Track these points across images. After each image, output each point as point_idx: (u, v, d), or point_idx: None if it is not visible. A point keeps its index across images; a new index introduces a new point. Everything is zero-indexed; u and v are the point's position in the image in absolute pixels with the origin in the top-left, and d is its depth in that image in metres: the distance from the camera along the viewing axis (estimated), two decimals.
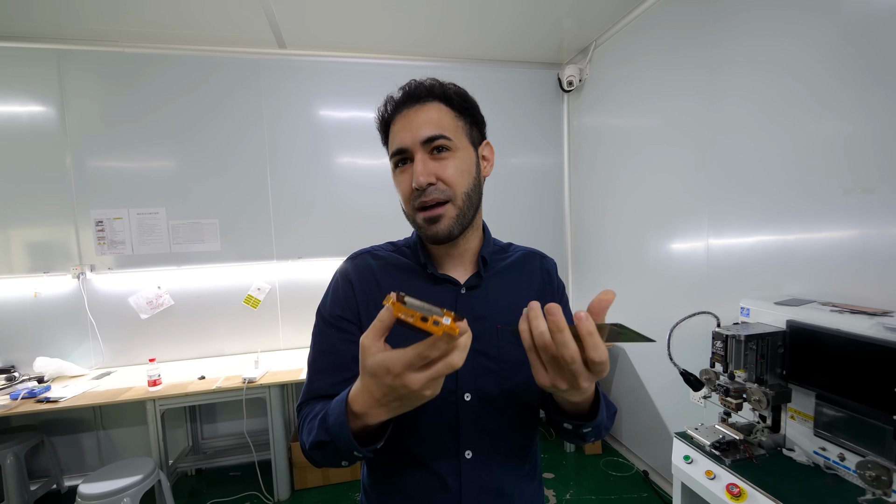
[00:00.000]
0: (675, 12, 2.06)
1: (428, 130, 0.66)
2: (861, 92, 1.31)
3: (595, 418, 0.61)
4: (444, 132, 0.67)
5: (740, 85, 1.73)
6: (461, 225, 0.69)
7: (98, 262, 2.53)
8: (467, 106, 0.72)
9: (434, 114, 0.68)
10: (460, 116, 0.71)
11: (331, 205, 2.80)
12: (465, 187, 0.69)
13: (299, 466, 2.45)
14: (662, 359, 2.04)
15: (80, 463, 2.60)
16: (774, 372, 1.31)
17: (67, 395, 2.08)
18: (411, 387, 0.46)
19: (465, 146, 0.70)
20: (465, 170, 0.69)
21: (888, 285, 1.26)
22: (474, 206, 0.71)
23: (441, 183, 0.66)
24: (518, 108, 3.05)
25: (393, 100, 0.71)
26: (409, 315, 0.43)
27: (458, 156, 0.68)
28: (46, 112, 2.44)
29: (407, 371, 0.46)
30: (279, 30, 2.41)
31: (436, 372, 0.46)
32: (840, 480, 1.16)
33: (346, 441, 0.54)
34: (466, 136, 0.71)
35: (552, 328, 0.48)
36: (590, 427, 0.62)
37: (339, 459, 0.59)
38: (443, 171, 0.66)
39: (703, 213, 1.94)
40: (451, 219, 0.68)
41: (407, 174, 0.68)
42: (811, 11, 1.44)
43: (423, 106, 0.68)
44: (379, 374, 0.48)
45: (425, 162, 0.66)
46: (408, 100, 0.69)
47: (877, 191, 1.28)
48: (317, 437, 0.59)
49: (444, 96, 0.69)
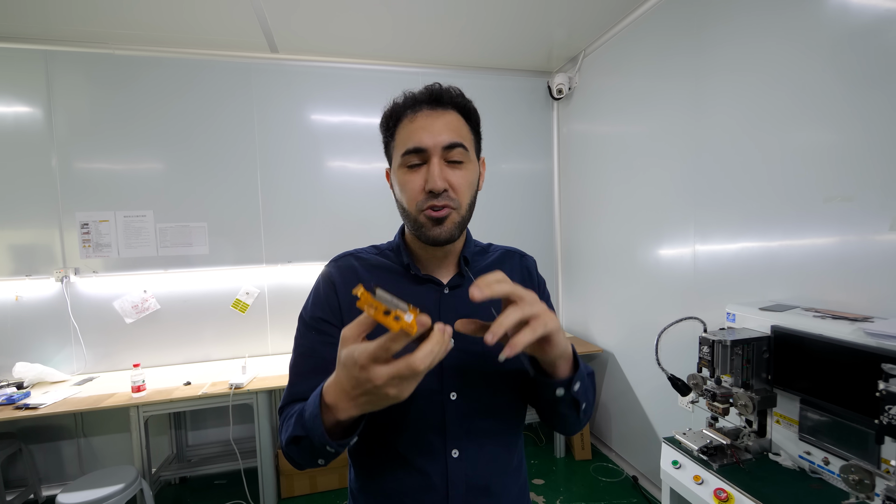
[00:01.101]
0: (661, 22, 2.10)
1: (450, 137, 0.67)
2: (840, 102, 1.35)
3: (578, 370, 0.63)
4: (463, 142, 0.69)
5: (724, 94, 1.76)
6: (460, 231, 0.71)
7: (83, 265, 2.48)
8: (476, 123, 0.75)
9: (455, 122, 0.69)
10: (472, 131, 0.73)
11: (321, 209, 2.79)
12: (469, 198, 0.71)
13: (286, 474, 2.41)
14: (651, 364, 2.05)
15: (60, 472, 2.53)
16: (760, 377, 1.32)
17: (47, 402, 2.03)
18: (375, 381, 0.46)
19: (473, 160, 0.72)
20: (471, 182, 0.71)
21: (868, 291, 1.29)
22: (469, 217, 0.73)
23: (452, 191, 0.68)
24: (509, 115, 3.08)
25: (414, 96, 0.70)
26: (371, 307, 0.43)
27: (469, 168, 0.70)
28: (33, 113, 2.40)
29: (371, 363, 0.46)
30: (271, 34, 2.41)
31: (396, 371, 0.46)
32: (825, 484, 1.17)
33: (319, 434, 0.54)
34: (475, 150, 0.74)
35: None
36: (578, 381, 0.63)
37: (314, 456, 0.59)
38: (456, 180, 0.68)
39: (690, 219, 1.97)
40: (454, 224, 0.69)
41: (418, 175, 0.68)
42: (792, 24, 1.48)
43: (445, 111, 0.69)
44: (348, 364, 0.48)
45: (442, 167, 0.67)
46: (430, 101, 0.69)
47: (856, 199, 1.31)
48: (293, 431, 0.59)
49: (464, 109, 0.72)
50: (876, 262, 1.27)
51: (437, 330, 0.48)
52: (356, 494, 0.77)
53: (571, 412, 0.66)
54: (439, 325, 0.48)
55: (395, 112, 0.71)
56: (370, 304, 0.43)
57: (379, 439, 0.71)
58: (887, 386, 0.91)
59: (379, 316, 0.43)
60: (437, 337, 0.47)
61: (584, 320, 2.95)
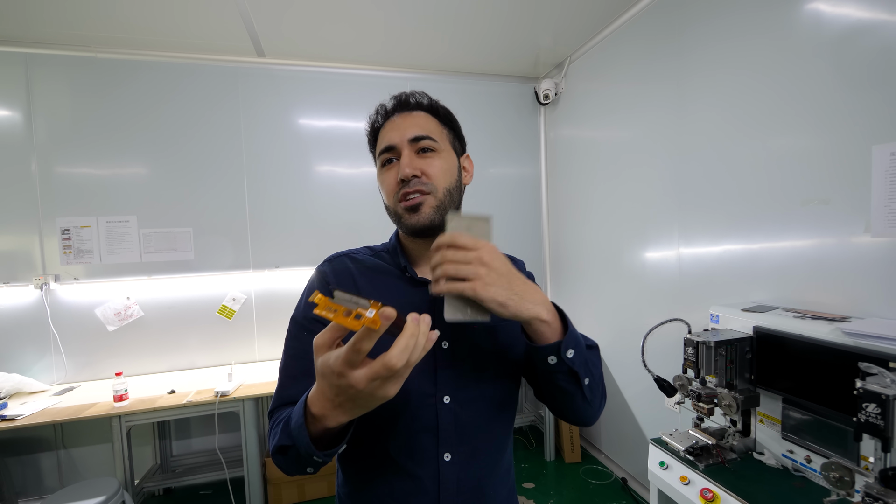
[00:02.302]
0: (645, 27, 2.15)
1: (415, 131, 0.71)
2: (816, 106, 1.39)
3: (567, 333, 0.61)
4: (431, 134, 0.72)
5: (705, 95, 1.80)
6: (441, 216, 0.70)
7: (63, 271, 2.42)
8: (451, 120, 0.78)
9: (422, 120, 0.74)
10: (444, 126, 0.77)
11: (309, 213, 2.77)
12: (447, 184, 0.72)
13: (274, 483, 2.37)
14: (638, 366, 2.07)
15: (38, 485, 2.45)
16: (743, 377, 1.35)
17: (25, 413, 1.97)
18: (357, 386, 0.45)
19: (447, 149, 0.75)
20: (447, 169, 0.73)
21: (845, 292, 1.32)
22: (455, 203, 0.74)
23: (424, 177, 0.70)
24: (497, 120, 3.10)
25: (384, 108, 0.76)
26: (331, 310, 0.42)
27: (442, 156, 0.73)
28: (11, 116, 2.35)
29: (348, 369, 0.45)
30: (258, 38, 2.40)
31: (374, 372, 0.45)
32: (807, 482, 1.19)
33: (305, 444, 0.53)
34: (449, 143, 0.76)
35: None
36: (571, 349, 0.61)
37: (302, 465, 0.58)
38: (427, 166, 0.71)
39: (674, 222, 2.00)
40: (432, 208, 0.70)
41: (393, 170, 0.72)
42: (770, 26, 1.52)
43: (412, 114, 0.74)
44: (325, 373, 0.47)
45: (411, 157, 0.70)
46: (397, 108, 0.75)
47: (832, 202, 1.35)
48: (279, 441, 0.58)
49: (431, 108, 0.76)
50: (852, 264, 1.30)
51: (411, 321, 0.46)
52: (344, 500, 0.76)
53: (573, 387, 0.64)
54: (412, 316, 0.47)
55: (373, 127, 0.77)
56: (328, 309, 0.42)
57: (369, 443, 0.70)
58: (864, 384, 0.93)
59: (339, 318, 0.42)
60: (410, 330, 0.46)
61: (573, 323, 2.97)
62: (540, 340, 0.61)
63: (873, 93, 1.24)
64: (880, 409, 0.90)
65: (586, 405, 0.67)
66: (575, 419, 0.72)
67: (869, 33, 1.25)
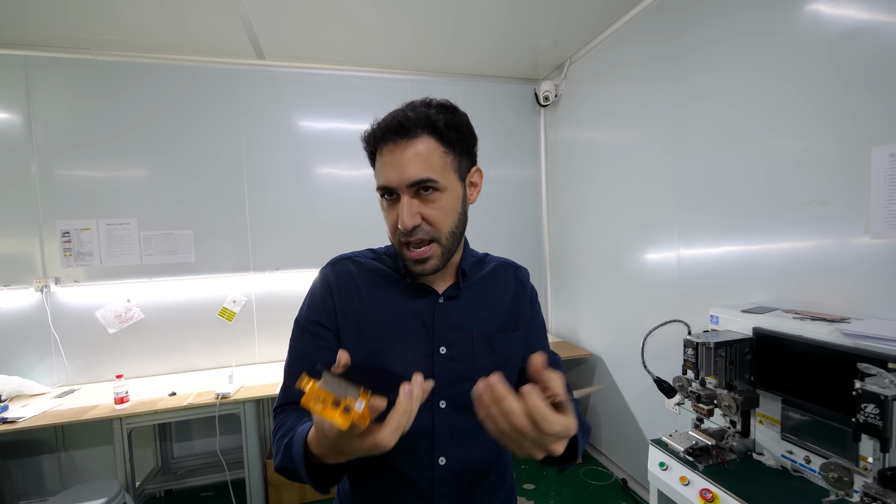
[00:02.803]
0: (644, 29, 2.15)
1: (415, 172, 0.64)
2: (815, 109, 1.39)
3: (573, 460, 0.63)
4: (432, 174, 0.65)
5: (704, 97, 1.81)
6: (446, 260, 0.71)
7: (64, 274, 2.43)
8: (457, 137, 0.69)
9: (422, 148, 0.65)
10: (449, 151, 0.68)
11: (309, 215, 2.77)
12: (450, 226, 0.69)
13: (275, 485, 2.37)
14: (638, 367, 2.07)
15: (40, 487, 2.45)
16: (743, 378, 1.35)
17: (26, 416, 1.97)
18: (352, 453, 0.48)
19: (451, 183, 0.68)
20: (450, 209, 0.68)
21: (844, 293, 1.32)
22: (458, 240, 0.72)
23: (426, 224, 0.67)
24: (497, 122, 3.11)
25: (380, 127, 0.67)
26: (319, 400, 0.42)
27: (445, 197, 0.67)
28: (11, 119, 2.35)
29: (343, 440, 0.47)
30: (258, 40, 2.40)
31: (367, 446, 0.46)
32: (807, 482, 1.19)
33: (306, 478, 0.56)
34: (454, 171, 0.69)
35: (494, 400, 0.46)
36: (570, 465, 0.65)
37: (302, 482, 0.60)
38: (428, 212, 0.66)
39: (674, 224, 2.01)
40: (437, 258, 0.69)
41: (394, 210, 0.67)
42: (768, 28, 1.53)
43: (410, 141, 0.65)
44: (322, 432, 0.49)
45: (411, 204, 0.65)
46: (396, 132, 0.66)
47: (831, 204, 1.35)
48: (282, 462, 0.60)
49: (434, 129, 0.66)
50: (852, 265, 1.30)
51: (403, 397, 0.46)
52: (343, 497, 0.77)
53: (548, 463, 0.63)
54: (405, 390, 0.46)
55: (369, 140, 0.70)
56: (317, 398, 0.42)
57: None
58: (863, 385, 0.93)
59: (327, 412, 0.41)
60: (402, 406, 0.46)
61: (573, 325, 2.97)
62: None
63: (872, 94, 1.24)
64: (879, 409, 0.90)
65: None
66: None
67: (868, 35, 1.25)
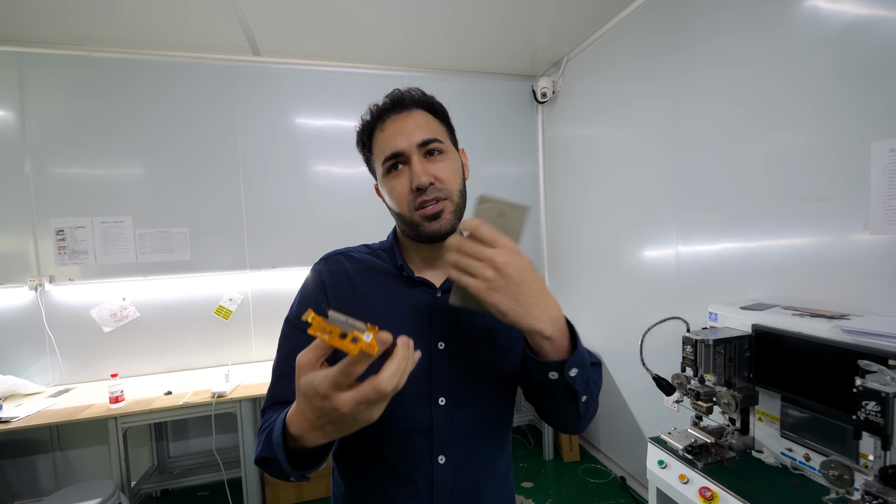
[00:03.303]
0: (642, 24, 2.14)
1: (422, 134, 0.68)
2: (814, 105, 1.38)
3: (576, 350, 0.58)
4: (437, 136, 0.70)
5: (702, 93, 1.80)
6: (458, 220, 0.70)
7: (58, 272, 2.41)
8: (446, 115, 0.76)
9: (423, 120, 0.71)
10: (442, 124, 0.75)
11: (306, 213, 2.75)
12: (459, 185, 0.72)
13: (272, 484, 2.36)
14: (637, 364, 2.06)
15: (34, 487, 2.44)
16: (742, 375, 1.34)
17: (20, 415, 1.95)
18: (341, 409, 0.44)
19: (451, 149, 0.73)
20: (456, 170, 0.72)
21: (844, 289, 1.31)
22: (465, 204, 0.73)
23: (439, 182, 0.68)
24: (495, 119, 3.09)
25: (378, 107, 0.73)
26: (325, 332, 0.41)
27: (450, 157, 0.71)
28: (5, 116, 2.33)
29: (334, 391, 0.44)
30: (253, 37, 2.38)
31: (363, 396, 0.44)
32: (806, 480, 1.18)
33: (284, 463, 0.53)
34: (450, 140, 0.75)
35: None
36: (575, 367, 0.58)
37: (285, 477, 0.58)
38: (439, 171, 0.69)
39: (672, 220, 2.00)
40: (451, 213, 0.69)
41: (403, 177, 0.69)
42: (767, 23, 1.52)
43: (410, 113, 0.71)
44: (309, 394, 0.46)
45: (423, 163, 0.68)
46: (395, 107, 0.71)
47: (830, 199, 1.34)
48: (262, 452, 0.58)
49: (428, 105, 0.73)
50: (851, 261, 1.29)
51: (402, 345, 0.45)
52: (339, 501, 0.75)
53: (568, 402, 0.61)
54: (402, 339, 0.46)
55: (366, 127, 0.74)
56: (324, 330, 0.41)
57: (363, 444, 0.69)
58: (863, 382, 0.93)
59: (335, 340, 0.40)
60: (401, 353, 0.45)
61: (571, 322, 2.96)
62: (540, 355, 0.58)
63: (872, 89, 1.23)
64: (880, 406, 0.89)
65: (577, 418, 0.65)
66: (561, 428, 0.70)
67: (867, 30, 1.24)
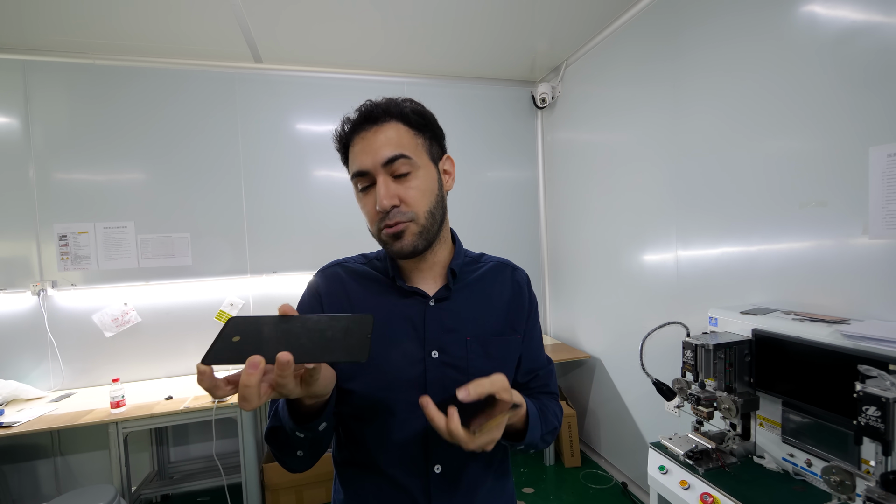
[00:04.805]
0: (641, 30, 2.15)
1: (388, 151, 0.66)
2: (812, 109, 1.39)
3: (524, 439, 0.69)
4: (404, 151, 0.67)
5: (701, 97, 1.80)
6: (425, 240, 0.70)
7: (61, 278, 2.42)
8: (425, 122, 0.72)
9: (392, 133, 0.67)
10: (419, 134, 0.70)
11: (308, 218, 2.76)
12: (428, 206, 0.69)
13: (272, 489, 2.35)
14: (637, 369, 2.06)
15: (35, 492, 2.43)
16: (743, 380, 1.34)
17: (22, 420, 1.95)
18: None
19: (425, 164, 0.70)
20: (426, 189, 0.69)
21: (844, 294, 1.31)
22: (438, 222, 0.72)
23: (403, 205, 0.67)
24: (494, 124, 3.10)
25: (349, 121, 0.71)
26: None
27: (420, 175, 0.68)
28: (9, 123, 2.35)
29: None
30: (255, 44, 2.40)
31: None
32: (808, 486, 1.18)
33: (287, 420, 0.57)
34: (426, 153, 0.71)
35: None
36: (522, 446, 0.71)
37: (291, 447, 0.61)
38: (405, 192, 0.67)
39: (672, 225, 2.00)
40: (414, 234, 0.68)
41: (370, 197, 0.68)
42: (764, 28, 1.52)
43: (380, 127, 0.68)
44: None
45: (387, 185, 0.66)
46: (365, 121, 0.69)
47: (829, 204, 1.34)
48: (271, 422, 0.63)
49: (401, 115, 0.69)
50: (851, 266, 1.29)
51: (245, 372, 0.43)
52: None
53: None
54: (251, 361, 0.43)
55: (341, 141, 0.73)
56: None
57: (361, 452, 0.70)
58: (864, 387, 0.92)
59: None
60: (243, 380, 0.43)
61: (571, 327, 2.96)
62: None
63: (870, 94, 1.24)
64: (880, 412, 0.89)
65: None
66: None
67: (865, 35, 1.25)
